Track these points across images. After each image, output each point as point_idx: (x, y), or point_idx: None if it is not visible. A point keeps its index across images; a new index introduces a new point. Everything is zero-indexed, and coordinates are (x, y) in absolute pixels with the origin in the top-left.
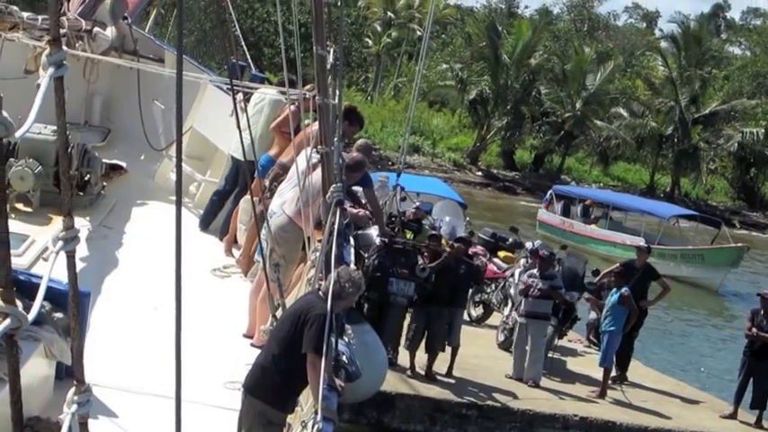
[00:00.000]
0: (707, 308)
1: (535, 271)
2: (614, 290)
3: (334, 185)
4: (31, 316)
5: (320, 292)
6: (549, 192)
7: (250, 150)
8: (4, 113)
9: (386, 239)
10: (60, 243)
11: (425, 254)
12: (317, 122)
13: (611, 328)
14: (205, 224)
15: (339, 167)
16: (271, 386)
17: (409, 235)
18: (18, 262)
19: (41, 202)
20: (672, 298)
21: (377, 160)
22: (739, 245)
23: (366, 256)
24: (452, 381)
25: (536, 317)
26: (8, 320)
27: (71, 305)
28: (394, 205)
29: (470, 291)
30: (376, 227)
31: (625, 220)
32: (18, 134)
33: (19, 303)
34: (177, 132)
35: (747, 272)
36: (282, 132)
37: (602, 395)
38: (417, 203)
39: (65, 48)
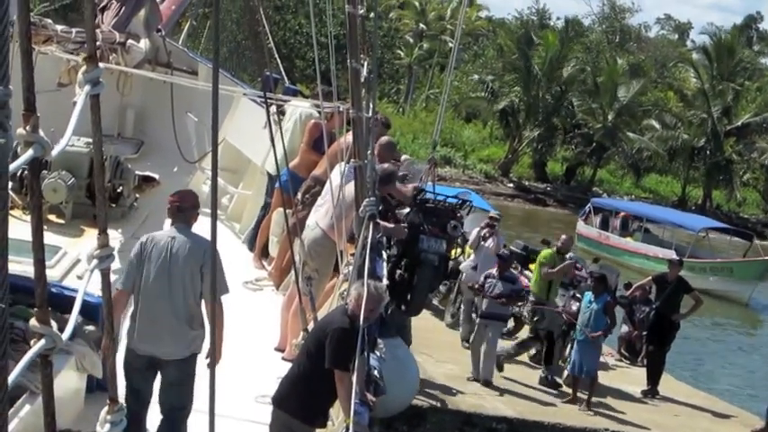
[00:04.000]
0: (737, 321)
1: (494, 271)
2: (590, 296)
3: (367, 199)
4: (65, 335)
5: (346, 307)
6: (588, 205)
7: (282, 163)
8: (41, 132)
9: (417, 199)
10: (95, 261)
11: (459, 214)
12: (348, 135)
13: (586, 339)
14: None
15: (372, 181)
16: (297, 399)
17: None
18: (50, 274)
19: (74, 213)
20: (702, 311)
21: None
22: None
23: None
24: (483, 394)
25: (492, 317)
26: (42, 341)
27: (106, 324)
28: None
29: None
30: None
31: (663, 233)
32: (54, 152)
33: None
34: (213, 145)
35: None
36: (306, 145)
37: (572, 401)
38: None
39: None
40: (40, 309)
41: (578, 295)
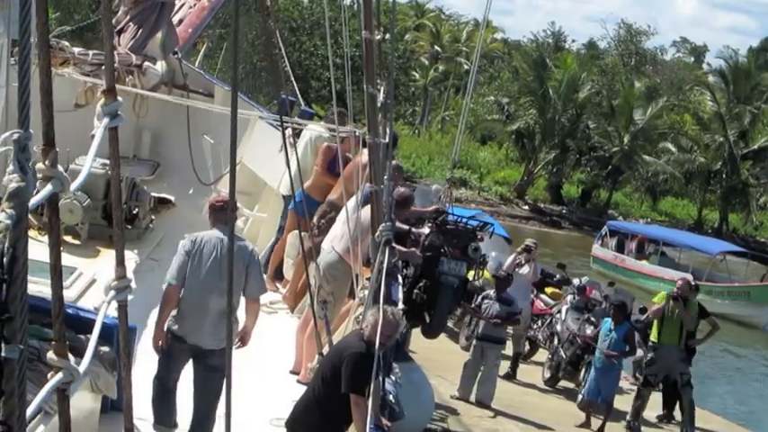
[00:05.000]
0: (755, 345)
1: (492, 293)
2: (610, 323)
3: (383, 224)
4: (83, 367)
5: (362, 332)
6: (604, 227)
7: (297, 186)
8: (59, 168)
9: (437, 220)
10: (112, 293)
11: (480, 237)
12: (364, 154)
13: (605, 365)
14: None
15: (388, 206)
16: (311, 423)
17: None
18: (66, 295)
19: (90, 234)
20: (719, 336)
21: None
22: None
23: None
24: (498, 417)
25: (490, 340)
26: (60, 375)
27: (122, 354)
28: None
29: None
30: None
31: (679, 256)
32: (72, 187)
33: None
34: (231, 168)
35: None
36: (321, 167)
37: (585, 425)
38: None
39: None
40: (57, 342)
41: (593, 319)
